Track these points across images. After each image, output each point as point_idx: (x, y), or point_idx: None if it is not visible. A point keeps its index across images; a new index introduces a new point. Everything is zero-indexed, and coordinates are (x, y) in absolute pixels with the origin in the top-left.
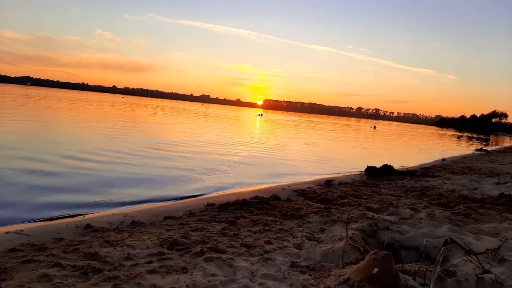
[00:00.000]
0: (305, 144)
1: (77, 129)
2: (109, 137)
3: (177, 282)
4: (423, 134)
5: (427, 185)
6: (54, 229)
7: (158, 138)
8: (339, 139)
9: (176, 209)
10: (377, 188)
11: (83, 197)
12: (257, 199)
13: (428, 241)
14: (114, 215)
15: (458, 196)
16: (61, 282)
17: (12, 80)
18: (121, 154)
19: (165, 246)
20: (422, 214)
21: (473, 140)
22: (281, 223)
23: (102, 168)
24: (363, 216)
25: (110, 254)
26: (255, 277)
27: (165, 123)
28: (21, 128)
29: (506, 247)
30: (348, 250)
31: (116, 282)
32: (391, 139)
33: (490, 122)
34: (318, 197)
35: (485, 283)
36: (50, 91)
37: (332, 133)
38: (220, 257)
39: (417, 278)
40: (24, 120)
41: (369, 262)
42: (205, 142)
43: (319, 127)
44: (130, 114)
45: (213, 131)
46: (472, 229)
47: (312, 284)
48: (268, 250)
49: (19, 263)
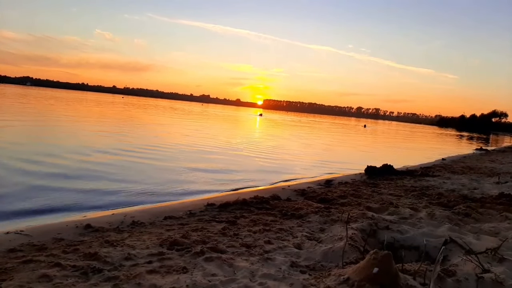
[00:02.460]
0: (303, 143)
1: (77, 129)
2: (109, 137)
3: (177, 282)
4: (419, 133)
5: (427, 185)
6: (54, 229)
7: (158, 138)
8: (326, 138)
9: (176, 209)
10: (377, 188)
11: (83, 197)
12: (257, 199)
13: (428, 240)
14: (114, 215)
15: (458, 196)
16: (61, 282)
17: (12, 81)
18: (121, 154)
19: (165, 246)
20: (422, 214)
21: (473, 140)
22: (281, 223)
23: (102, 168)
24: (363, 216)
25: (110, 254)
26: (255, 277)
27: (165, 123)
28: (21, 129)
29: (506, 247)
30: (348, 250)
31: (116, 282)
32: (378, 139)
33: (490, 121)
34: (318, 197)
35: (485, 282)
36: (51, 91)
37: (323, 131)
38: (220, 257)
39: (417, 277)
40: (24, 120)
41: (369, 261)
42: (205, 142)
43: (316, 126)
44: (130, 114)
45: (213, 131)
46: (472, 229)
47: (312, 283)
48: (268, 250)
49: (19, 263)
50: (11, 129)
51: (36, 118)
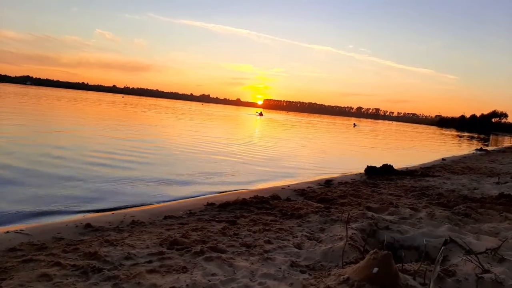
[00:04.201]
0: (302, 143)
1: (77, 129)
2: (108, 137)
3: (177, 281)
4: (417, 133)
5: (427, 185)
6: (54, 229)
7: (157, 138)
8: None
9: (176, 209)
10: (377, 188)
11: (83, 197)
12: (257, 198)
13: (428, 240)
14: (114, 214)
15: (458, 196)
16: (61, 282)
17: (12, 80)
18: (121, 154)
19: (165, 246)
20: (422, 214)
21: (473, 140)
22: (281, 223)
23: (102, 168)
24: (363, 216)
25: (110, 254)
26: (255, 276)
27: (165, 123)
28: (22, 129)
29: (506, 247)
30: (348, 250)
31: (116, 281)
32: (369, 138)
33: (490, 122)
34: (318, 197)
35: (485, 282)
36: (51, 91)
37: (315, 130)
38: (220, 257)
39: (417, 277)
40: (24, 120)
41: (369, 261)
42: (205, 142)
43: (313, 126)
44: (130, 114)
45: (213, 131)
46: (472, 229)
47: (312, 283)
48: (268, 249)
49: (19, 262)
50: (11, 130)
51: (34, 118)
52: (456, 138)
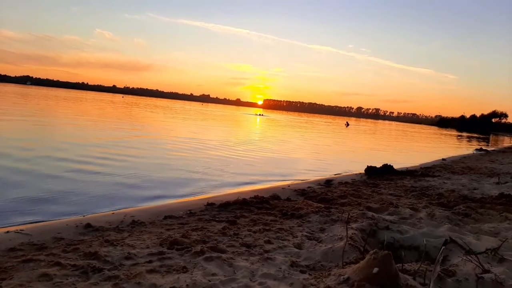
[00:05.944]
0: (302, 143)
1: (77, 129)
2: (108, 137)
3: (177, 281)
4: (414, 133)
5: (427, 185)
6: (54, 229)
7: (157, 138)
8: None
9: (176, 209)
10: (377, 188)
11: (83, 197)
12: (257, 198)
13: (428, 240)
14: (114, 214)
15: (458, 196)
16: (61, 282)
17: (12, 80)
18: (121, 153)
19: (165, 246)
20: (422, 214)
21: (473, 140)
22: (281, 223)
23: (102, 168)
24: (363, 216)
25: (110, 254)
26: (255, 276)
27: (165, 123)
28: (21, 129)
29: (506, 247)
30: (348, 250)
31: (116, 281)
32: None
33: (490, 122)
34: (318, 197)
35: (485, 282)
36: (51, 91)
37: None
38: (220, 257)
39: (417, 277)
40: (23, 120)
41: (369, 261)
42: (204, 142)
43: (312, 125)
44: (131, 114)
45: (213, 131)
46: (472, 229)
47: (312, 283)
48: (268, 249)
49: (19, 262)
50: (11, 130)
51: (35, 118)
52: (456, 138)
